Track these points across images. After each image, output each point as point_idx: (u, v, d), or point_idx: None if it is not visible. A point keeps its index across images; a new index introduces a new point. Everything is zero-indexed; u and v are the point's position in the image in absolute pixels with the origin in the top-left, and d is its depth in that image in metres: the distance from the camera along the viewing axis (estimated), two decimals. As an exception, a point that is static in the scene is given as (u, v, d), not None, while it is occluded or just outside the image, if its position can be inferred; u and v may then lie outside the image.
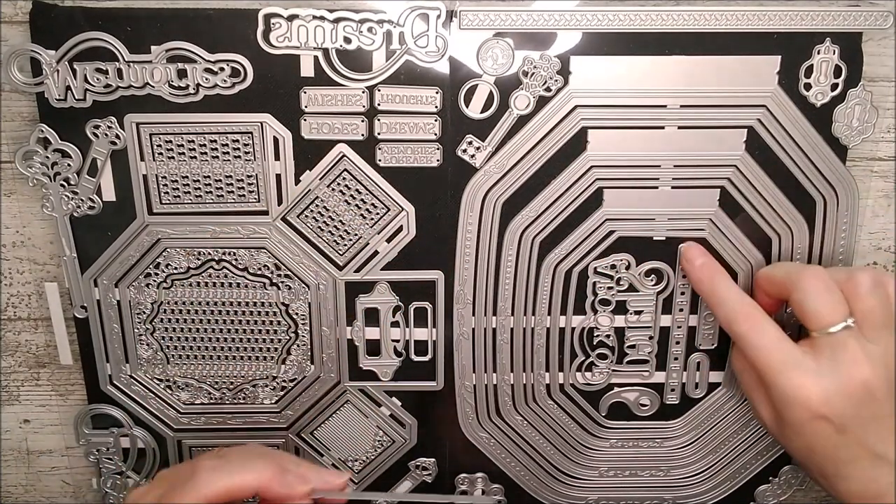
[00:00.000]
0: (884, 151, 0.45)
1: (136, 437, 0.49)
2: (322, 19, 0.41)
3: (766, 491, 0.52)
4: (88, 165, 0.43)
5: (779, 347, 0.38)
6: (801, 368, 0.37)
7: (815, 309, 0.37)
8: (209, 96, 0.42)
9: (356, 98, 0.42)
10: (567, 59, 0.42)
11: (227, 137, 0.43)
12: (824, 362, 0.37)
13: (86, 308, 0.46)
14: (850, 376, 0.36)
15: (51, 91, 0.41)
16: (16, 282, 0.47)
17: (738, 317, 0.39)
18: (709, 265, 0.42)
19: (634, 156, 0.44)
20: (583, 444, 0.50)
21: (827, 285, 0.38)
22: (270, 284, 0.46)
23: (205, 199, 0.44)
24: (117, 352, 0.47)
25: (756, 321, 0.39)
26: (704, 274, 0.42)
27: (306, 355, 0.48)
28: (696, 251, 0.43)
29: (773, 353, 0.38)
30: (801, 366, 0.37)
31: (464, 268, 0.46)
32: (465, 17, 0.41)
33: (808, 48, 0.42)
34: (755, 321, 0.39)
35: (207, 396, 0.48)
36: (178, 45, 0.41)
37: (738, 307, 0.40)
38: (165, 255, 0.45)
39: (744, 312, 0.39)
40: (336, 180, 0.44)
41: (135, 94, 0.42)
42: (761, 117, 0.43)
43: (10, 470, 0.51)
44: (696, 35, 0.42)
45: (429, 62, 0.42)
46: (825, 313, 0.37)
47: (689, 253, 0.43)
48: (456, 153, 0.44)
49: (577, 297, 0.47)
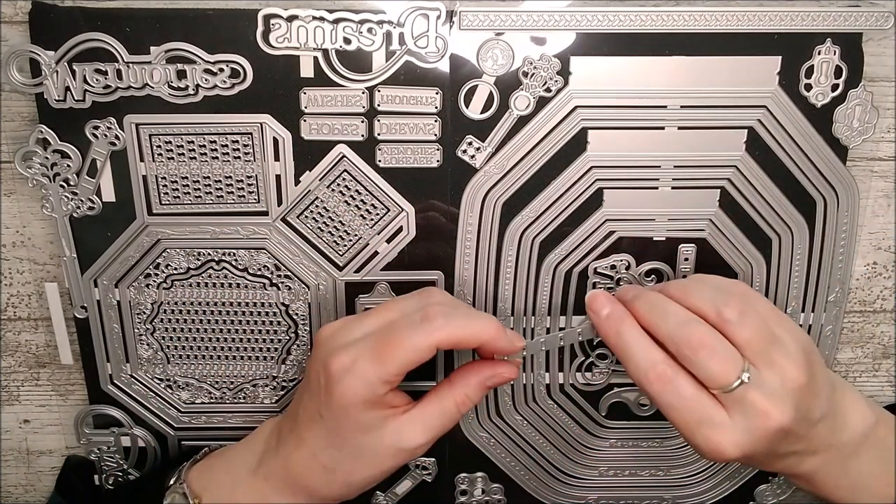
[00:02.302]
0: (884, 151, 0.45)
1: (136, 437, 0.49)
2: (322, 20, 0.41)
3: (765, 490, 0.52)
4: (88, 166, 0.43)
5: (689, 406, 0.36)
6: (713, 425, 0.36)
7: (706, 375, 0.36)
8: (209, 97, 0.42)
9: (356, 99, 0.42)
10: (567, 60, 0.42)
11: (226, 138, 0.43)
12: (736, 417, 0.36)
13: (86, 308, 0.46)
14: (763, 428, 0.36)
15: (50, 92, 0.41)
16: (16, 282, 0.47)
17: (647, 375, 0.37)
18: (615, 316, 0.39)
19: (634, 156, 0.44)
20: (583, 443, 0.50)
21: (711, 345, 0.36)
22: (270, 285, 0.46)
23: (204, 199, 0.44)
24: (118, 352, 0.47)
25: (665, 379, 0.36)
26: (611, 326, 0.39)
27: (306, 355, 0.48)
28: (602, 300, 0.40)
29: (685, 413, 0.36)
30: (714, 422, 0.36)
31: (464, 268, 0.46)
32: (465, 17, 0.41)
33: (809, 49, 0.42)
34: (664, 380, 0.36)
35: (208, 396, 0.48)
36: (178, 46, 0.41)
37: (646, 364, 0.37)
38: (165, 255, 0.45)
39: (653, 371, 0.37)
40: (336, 181, 0.44)
41: (134, 94, 0.42)
42: (762, 118, 0.43)
43: (10, 470, 0.52)
44: (696, 35, 0.42)
45: (429, 63, 0.42)
46: (717, 375, 0.35)
47: (594, 304, 0.40)
48: (456, 154, 0.44)
49: (577, 297, 0.47)
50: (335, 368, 0.37)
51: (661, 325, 0.37)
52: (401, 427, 0.39)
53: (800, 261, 0.46)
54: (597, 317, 0.40)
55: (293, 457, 0.40)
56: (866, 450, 0.40)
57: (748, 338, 0.36)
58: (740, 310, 0.36)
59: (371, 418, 0.38)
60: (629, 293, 0.40)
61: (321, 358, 0.39)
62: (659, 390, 0.37)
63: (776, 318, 0.38)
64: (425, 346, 0.37)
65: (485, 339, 0.38)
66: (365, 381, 0.37)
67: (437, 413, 0.40)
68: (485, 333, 0.38)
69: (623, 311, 0.39)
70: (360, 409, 0.38)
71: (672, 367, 0.37)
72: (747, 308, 0.37)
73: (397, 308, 0.40)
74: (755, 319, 0.37)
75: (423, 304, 0.39)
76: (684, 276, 0.46)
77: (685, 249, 0.46)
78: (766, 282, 0.46)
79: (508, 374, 0.41)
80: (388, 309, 0.40)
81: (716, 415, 0.36)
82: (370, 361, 0.37)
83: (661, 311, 0.38)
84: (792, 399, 0.36)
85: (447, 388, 0.40)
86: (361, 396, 0.37)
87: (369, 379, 0.37)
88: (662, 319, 0.37)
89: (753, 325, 0.36)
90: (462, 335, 0.37)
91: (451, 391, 0.40)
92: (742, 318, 0.36)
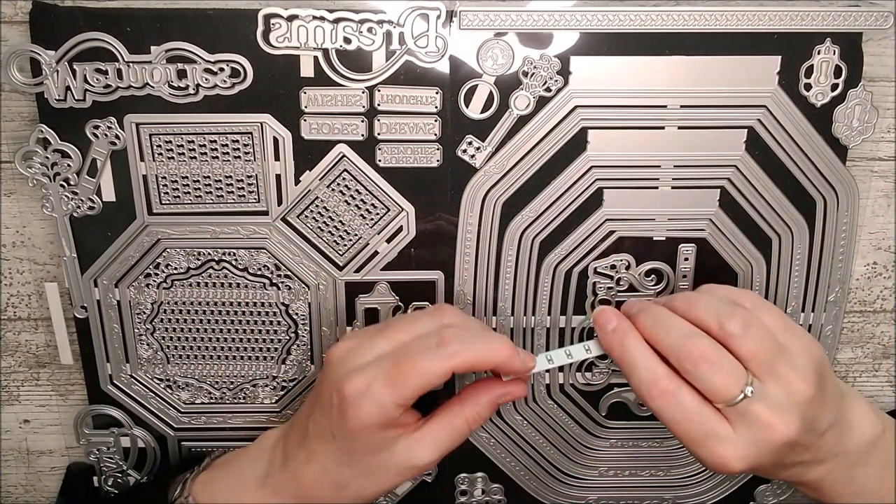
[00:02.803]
0: (884, 151, 0.45)
1: (136, 437, 0.49)
2: (322, 20, 0.41)
3: (765, 490, 0.52)
4: (88, 166, 0.43)
5: (693, 420, 0.36)
6: (718, 439, 0.35)
7: (709, 388, 0.35)
8: (209, 97, 0.42)
9: (356, 98, 0.42)
10: (567, 60, 0.42)
11: (226, 138, 0.43)
12: (740, 430, 0.36)
13: (86, 308, 0.46)
14: (768, 440, 0.35)
15: (50, 91, 0.41)
16: (16, 282, 0.47)
17: (650, 390, 0.36)
18: (620, 330, 0.39)
19: (634, 156, 0.44)
20: (583, 443, 0.50)
21: (713, 358, 0.35)
22: (270, 285, 0.46)
23: (205, 199, 0.44)
24: (117, 352, 0.47)
25: (668, 394, 0.36)
26: (615, 340, 0.39)
27: (306, 355, 0.48)
28: (609, 315, 0.39)
29: (688, 428, 0.36)
30: (719, 436, 0.35)
31: (464, 268, 0.46)
32: (465, 17, 0.41)
33: (809, 48, 0.42)
34: (667, 394, 0.36)
35: (208, 396, 0.48)
36: (178, 46, 0.41)
37: (649, 378, 0.37)
38: (165, 255, 0.45)
39: (656, 386, 0.36)
40: (336, 181, 0.44)
41: (134, 94, 0.42)
42: (761, 117, 0.43)
43: (10, 470, 0.51)
44: (695, 35, 0.42)
45: (429, 62, 0.42)
46: (719, 389, 0.35)
47: (600, 318, 0.40)
48: (456, 153, 0.44)
49: (577, 297, 0.47)
50: (349, 392, 0.37)
51: (664, 338, 0.37)
52: (412, 445, 0.39)
53: (800, 261, 0.46)
54: (602, 331, 0.40)
55: (303, 472, 0.40)
56: (873, 457, 0.40)
57: (752, 350, 0.36)
58: (744, 322, 0.36)
59: (383, 438, 0.38)
60: (634, 307, 0.40)
61: (334, 380, 0.38)
62: (662, 405, 0.36)
63: (785, 329, 0.37)
64: (441, 371, 0.37)
65: (499, 362, 0.38)
66: (379, 404, 0.37)
67: (447, 431, 0.39)
68: (499, 357, 0.38)
69: (627, 325, 0.39)
70: (373, 431, 0.38)
71: (674, 382, 0.36)
72: (751, 320, 0.36)
73: (411, 329, 0.40)
74: (759, 331, 0.36)
75: (436, 324, 0.39)
76: (684, 276, 0.46)
77: (685, 249, 0.46)
78: (765, 282, 0.46)
79: (519, 392, 0.41)
80: (400, 329, 0.40)
81: (720, 428, 0.36)
82: (385, 385, 0.37)
83: (664, 325, 0.38)
84: (798, 411, 0.36)
85: (458, 406, 0.40)
86: (375, 419, 0.37)
87: (384, 403, 0.37)
88: (665, 333, 0.37)
89: (758, 338, 0.36)
90: (477, 360, 0.37)
91: (461, 409, 0.40)
92: (746, 331, 0.36)
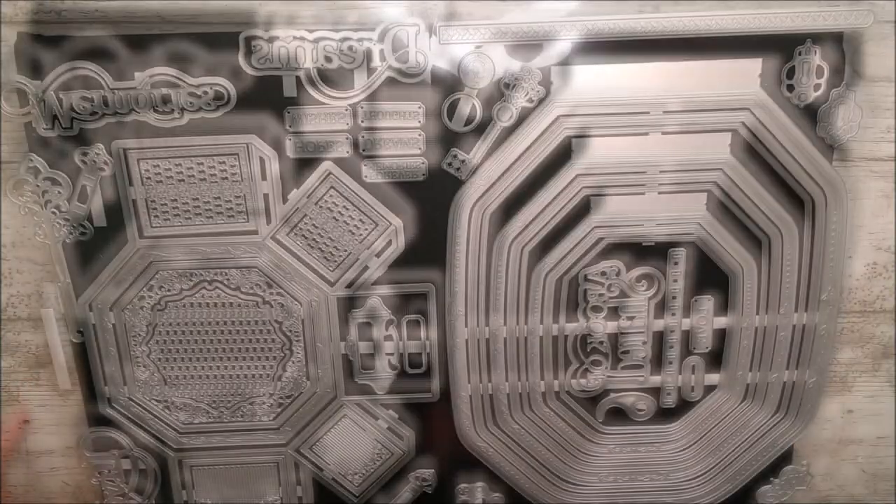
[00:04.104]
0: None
1: (136, 458, 0.49)
2: (302, 39, 0.41)
3: (767, 492, 0.52)
4: (79, 192, 0.43)
5: None
6: None
7: None
8: (194, 120, 0.42)
9: (339, 116, 0.43)
10: (548, 70, 0.42)
11: (213, 160, 0.43)
12: None
13: (82, 332, 0.46)
14: None
15: (38, 121, 0.42)
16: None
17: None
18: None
19: (620, 163, 0.44)
20: (581, 450, 0.50)
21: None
22: (263, 303, 0.46)
23: (194, 220, 0.44)
24: (115, 375, 0.47)
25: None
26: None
27: (302, 372, 0.48)
28: None
29: None
30: None
31: (455, 280, 0.46)
32: (445, 32, 0.41)
33: (789, 50, 0.42)
34: None
35: (206, 416, 0.49)
36: (162, 71, 0.41)
37: None
38: (158, 277, 0.45)
39: None
40: (323, 197, 0.44)
41: (121, 120, 0.42)
42: (745, 120, 0.43)
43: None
44: (675, 41, 0.41)
45: (411, 78, 0.42)
46: None
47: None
48: (441, 167, 0.44)
49: (568, 304, 0.47)
50: None
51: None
52: None
53: (791, 261, 0.46)
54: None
55: None
56: None
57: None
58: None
59: None
60: None
61: None
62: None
63: None
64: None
65: None
66: None
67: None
68: None
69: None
70: None
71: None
72: None
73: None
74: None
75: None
76: (675, 280, 0.46)
77: (675, 253, 0.46)
78: (757, 282, 0.46)
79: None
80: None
81: None
82: None
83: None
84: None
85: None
86: None
87: None
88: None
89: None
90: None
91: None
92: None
